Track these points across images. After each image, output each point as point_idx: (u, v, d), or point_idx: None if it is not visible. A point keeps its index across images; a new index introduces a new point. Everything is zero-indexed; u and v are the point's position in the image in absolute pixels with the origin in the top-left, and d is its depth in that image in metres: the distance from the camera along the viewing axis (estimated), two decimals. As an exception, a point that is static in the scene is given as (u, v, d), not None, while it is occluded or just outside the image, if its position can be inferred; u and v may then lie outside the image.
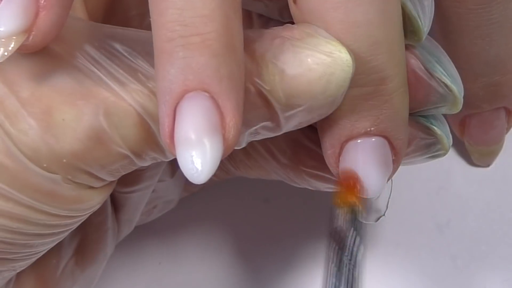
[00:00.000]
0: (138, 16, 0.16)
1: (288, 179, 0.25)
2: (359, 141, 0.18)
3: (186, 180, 0.27)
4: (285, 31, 0.17)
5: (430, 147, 0.20)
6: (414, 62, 0.19)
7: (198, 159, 0.15)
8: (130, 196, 0.24)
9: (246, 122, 0.17)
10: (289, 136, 0.24)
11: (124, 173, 0.18)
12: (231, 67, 0.15)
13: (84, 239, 0.23)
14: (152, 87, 0.17)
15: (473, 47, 0.25)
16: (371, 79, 0.17)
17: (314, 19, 0.17)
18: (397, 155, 0.19)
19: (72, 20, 0.18)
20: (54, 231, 0.19)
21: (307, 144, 0.22)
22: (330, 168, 0.19)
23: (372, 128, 0.18)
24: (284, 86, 0.16)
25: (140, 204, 0.25)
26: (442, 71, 0.19)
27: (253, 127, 0.17)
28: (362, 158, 0.18)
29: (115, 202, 0.24)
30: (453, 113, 0.20)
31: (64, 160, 0.17)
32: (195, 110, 0.15)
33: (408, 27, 0.18)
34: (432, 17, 0.19)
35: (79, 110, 0.17)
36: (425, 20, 0.18)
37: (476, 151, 0.30)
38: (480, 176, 0.30)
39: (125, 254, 0.29)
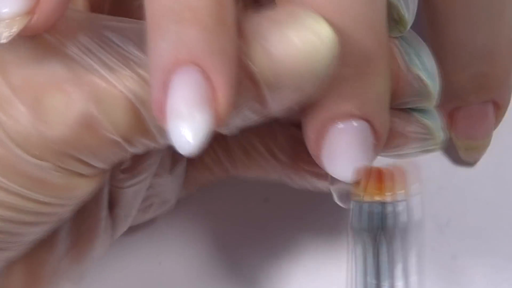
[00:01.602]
0: (142, 7, 0.16)
1: (288, 179, 0.25)
2: (341, 125, 0.18)
3: (185, 179, 0.27)
4: (272, 12, 0.17)
5: (422, 141, 0.20)
6: (396, 51, 0.19)
7: (189, 132, 0.15)
8: (126, 190, 0.24)
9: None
10: (289, 133, 0.24)
11: (116, 161, 0.18)
12: (222, 42, 0.16)
13: (79, 235, 0.23)
14: (142, 74, 0.17)
15: (460, 35, 0.25)
16: (356, 61, 0.17)
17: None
18: (378, 140, 0.19)
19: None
20: (43, 219, 0.19)
21: None
22: (312, 153, 0.19)
23: (356, 111, 0.18)
24: (272, 65, 0.16)
25: (137, 198, 0.25)
26: (419, 64, 0.19)
27: (240, 109, 0.17)
28: (345, 143, 0.18)
29: (110, 198, 0.24)
30: (430, 107, 0.20)
31: (55, 147, 0.17)
32: (186, 84, 0.15)
33: (392, 16, 0.18)
34: (416, 9, 0.19)
35: (69, 97, 0.17)
36: (408, 10, 0.19)
37: (462, 145, 0.29)
38: (480, 175, 0.30)
39: (125, 254, 0.29)
